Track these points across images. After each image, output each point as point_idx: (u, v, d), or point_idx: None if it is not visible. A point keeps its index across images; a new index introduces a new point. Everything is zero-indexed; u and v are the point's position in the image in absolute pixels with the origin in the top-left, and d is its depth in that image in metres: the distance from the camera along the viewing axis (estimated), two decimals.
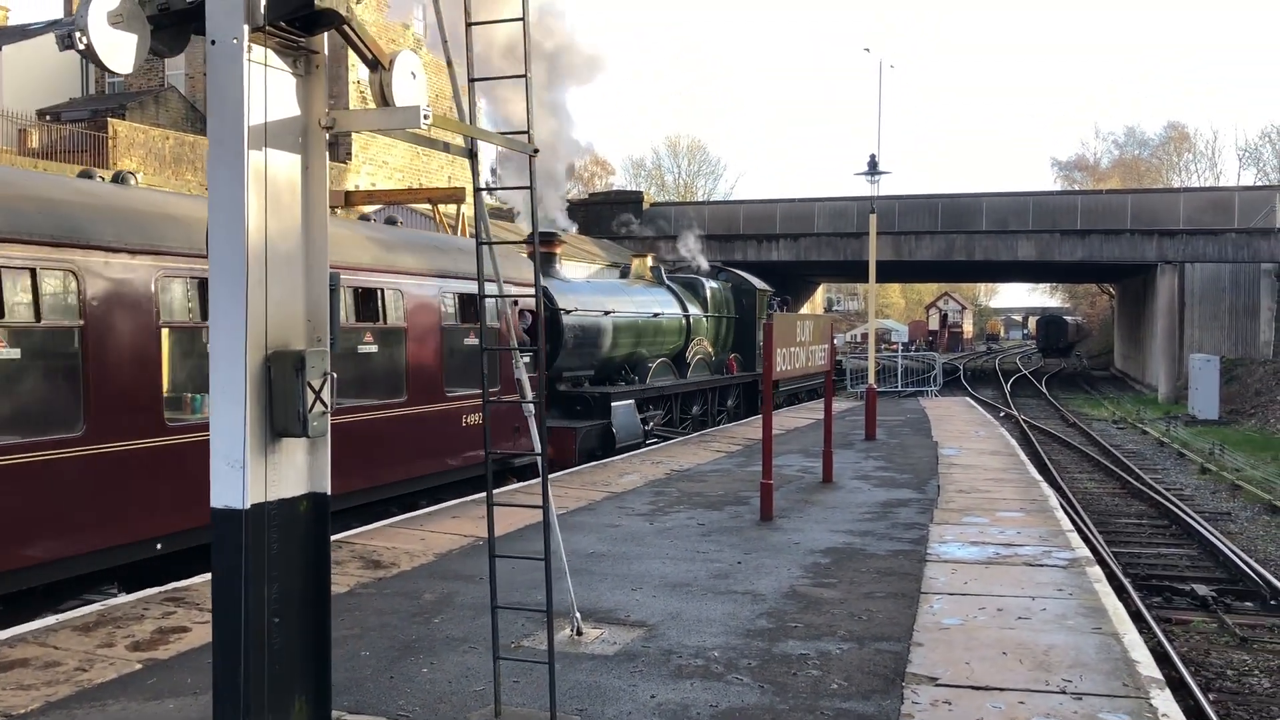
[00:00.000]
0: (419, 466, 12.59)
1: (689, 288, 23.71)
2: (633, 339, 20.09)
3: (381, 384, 12.04)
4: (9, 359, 7.83)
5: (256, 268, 4.21)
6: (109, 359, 8.51)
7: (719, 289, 25.07)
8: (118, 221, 8.75)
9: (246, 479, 4.19)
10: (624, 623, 7.49)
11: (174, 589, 8.38)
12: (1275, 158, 67.19)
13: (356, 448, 11.29)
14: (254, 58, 4.22)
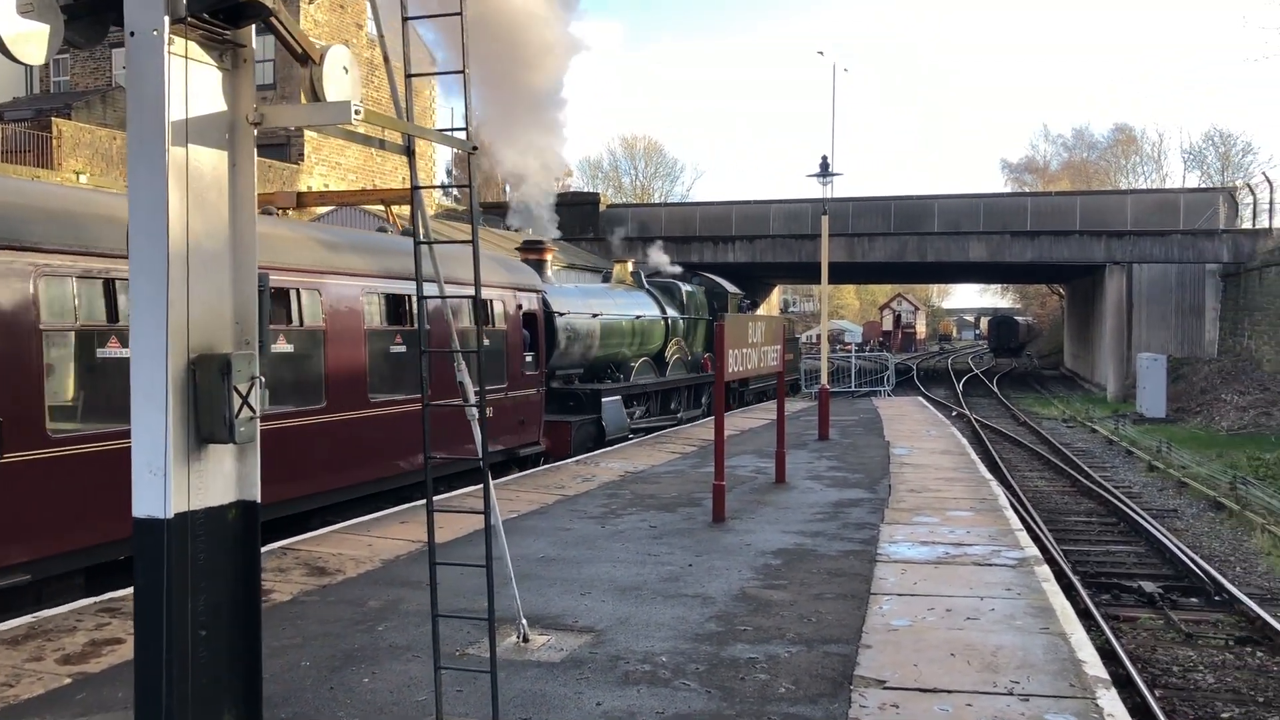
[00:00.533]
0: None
1: (666, 291, 24.85)
2: (617, 339, 21.27)
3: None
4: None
5: (178, 267, 4.05)
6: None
7: (694, 292, 26.26)
8: None
9: (169, 487, 4.03)
10: (572, 628, 7.38)
11: (109, 599, 8.15)
12: (1218, 160, 68.56)
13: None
14: (175, 50, 4.06)
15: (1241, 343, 36.99)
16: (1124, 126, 78.30)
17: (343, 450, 11.91)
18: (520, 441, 16.09)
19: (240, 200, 4.48)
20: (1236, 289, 38.34)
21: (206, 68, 4.28)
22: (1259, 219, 40.43)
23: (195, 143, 4.21)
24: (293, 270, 11.26)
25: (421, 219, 5.88)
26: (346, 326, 12.00)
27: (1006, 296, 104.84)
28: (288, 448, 10.94)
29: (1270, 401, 30.31)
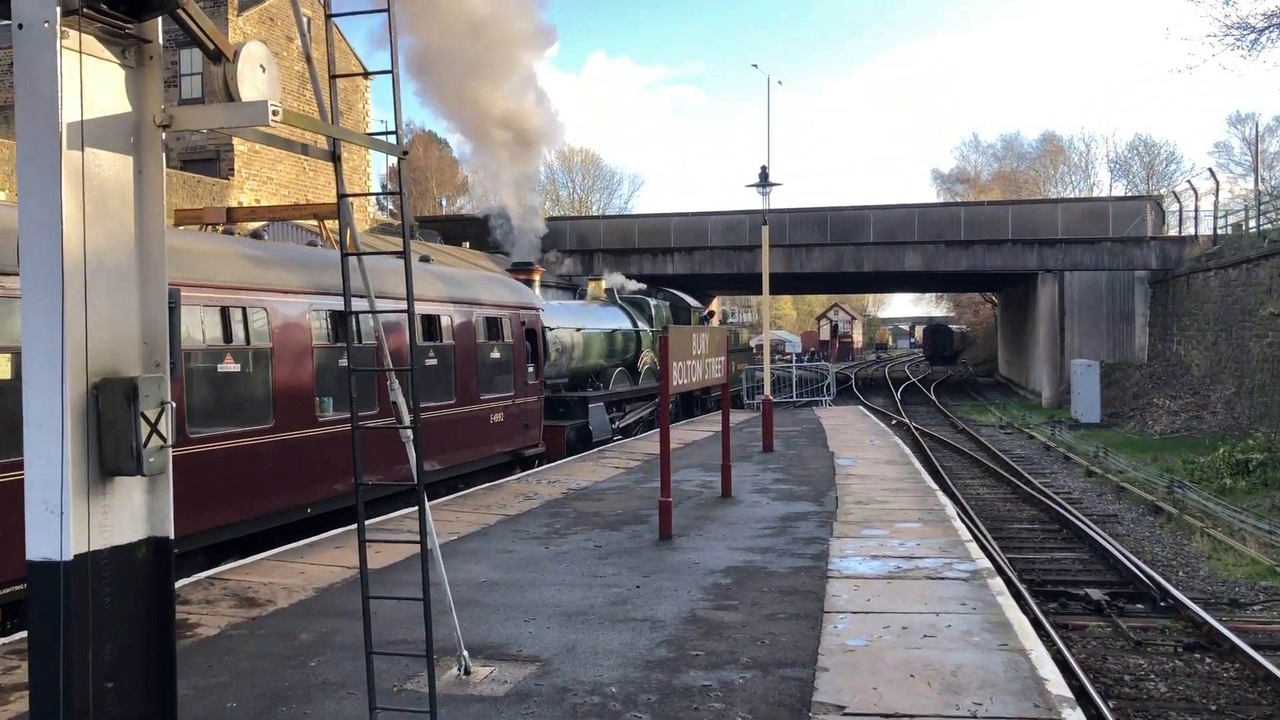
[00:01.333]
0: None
1: (636, 306, 27.10)
2: (597, 351, 23.52)
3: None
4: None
5: (75, 282, 3.67)
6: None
7: (660, 306, 28.42)
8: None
9: (67, 527, 3.64)
10: (516, 658, 7.04)
11: (19, 639, 7.62)
12: (1143, 170, 70.16)
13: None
14: (70, 44, 3.69)
15: (1171, 348, 37.71)
16: (1051, 136, 79.77)
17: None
18: (525, 443, 17.97)
19: (147, 209, 4.10)
20: (1165, 295, 39.11)
21: (107, 64, 3.91)
22: (1185, 226, 41.32)
23: (95, 146, 3.83)
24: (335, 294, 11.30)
25: (351, 230, 5.54)
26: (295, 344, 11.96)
27: (941, 305, 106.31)
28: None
29: (1200, 405, 30.87)
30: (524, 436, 17.80)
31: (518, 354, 17.49)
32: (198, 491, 9.88)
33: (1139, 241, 39.82)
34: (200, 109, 4.19)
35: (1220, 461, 21.29)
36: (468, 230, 48.22)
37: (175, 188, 33.68)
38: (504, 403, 16.82)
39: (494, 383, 16.53)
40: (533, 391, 18.14)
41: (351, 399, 5.23)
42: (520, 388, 17.43)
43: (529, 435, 18.03)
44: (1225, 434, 26.25)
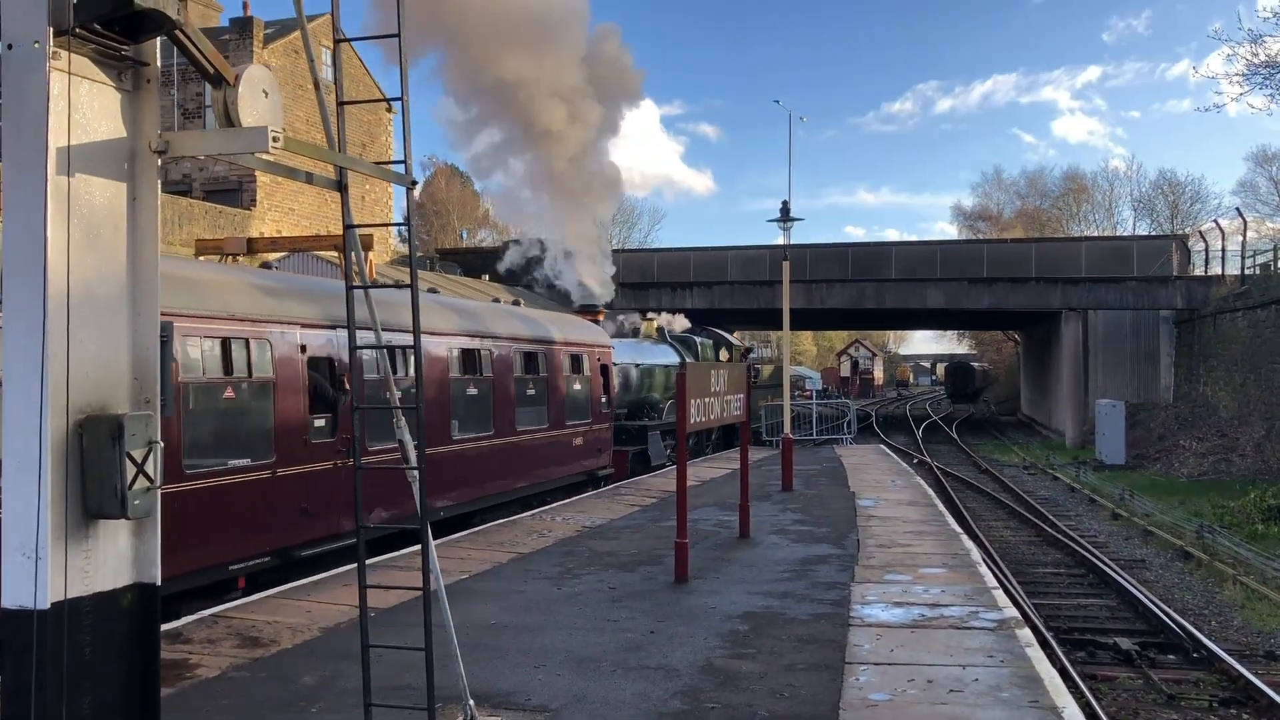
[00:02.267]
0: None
1: (684, 344, 29.11)
2: (650, 384, 25.81)
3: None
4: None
5: (58, 314, 3.49)
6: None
7: (706, 344, 30.64)
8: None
9: (44, 573, 3.43)
10: (524, 708, 6.76)
11: None
12: (1168, 208, 69.70)
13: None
14: (61, 66, 3.53)
15: (1197, 389, 37.17)
16: (1075, 174, 79.46)
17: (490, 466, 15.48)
18: (599, 465, 20.26)
19: (141, 239, 3.93)
20: (1191, 335, 38.61)
21: (101, 87, 3.75)
22: (1211, 266, 40.87)
23: (85, 172, 3.66)
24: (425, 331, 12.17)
25: (359, 260, 5.36)
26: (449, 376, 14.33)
27: (963, 343, 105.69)
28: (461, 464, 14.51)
29: (1229, 448, 30.32)
30: (598, 459, 20.17)
31: (594, 386, 19.92)
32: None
33: (1164, 281, 39.39)
34: (198, 134, 4.02)
35: (1251, 506, 20.80)
36: (487, 263, 48.25)
37: (197, 218, 33.85)
38: (583, 428, 19.23)
39: (577, 411, 18.98)
40: (605, 419, 20.55)
41: (355, 439, 5.01)
42: (596, 415, 19.80)
43: (602, 458, 20.34)
44: (1255, 478, 25.72)
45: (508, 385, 16.15)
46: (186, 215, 33.39)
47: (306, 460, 11.30)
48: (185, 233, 32.14)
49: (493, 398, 15.60)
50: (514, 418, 16.23)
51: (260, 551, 10.68)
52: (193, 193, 38.53)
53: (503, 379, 15.99)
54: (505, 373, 16.09)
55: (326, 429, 11.70)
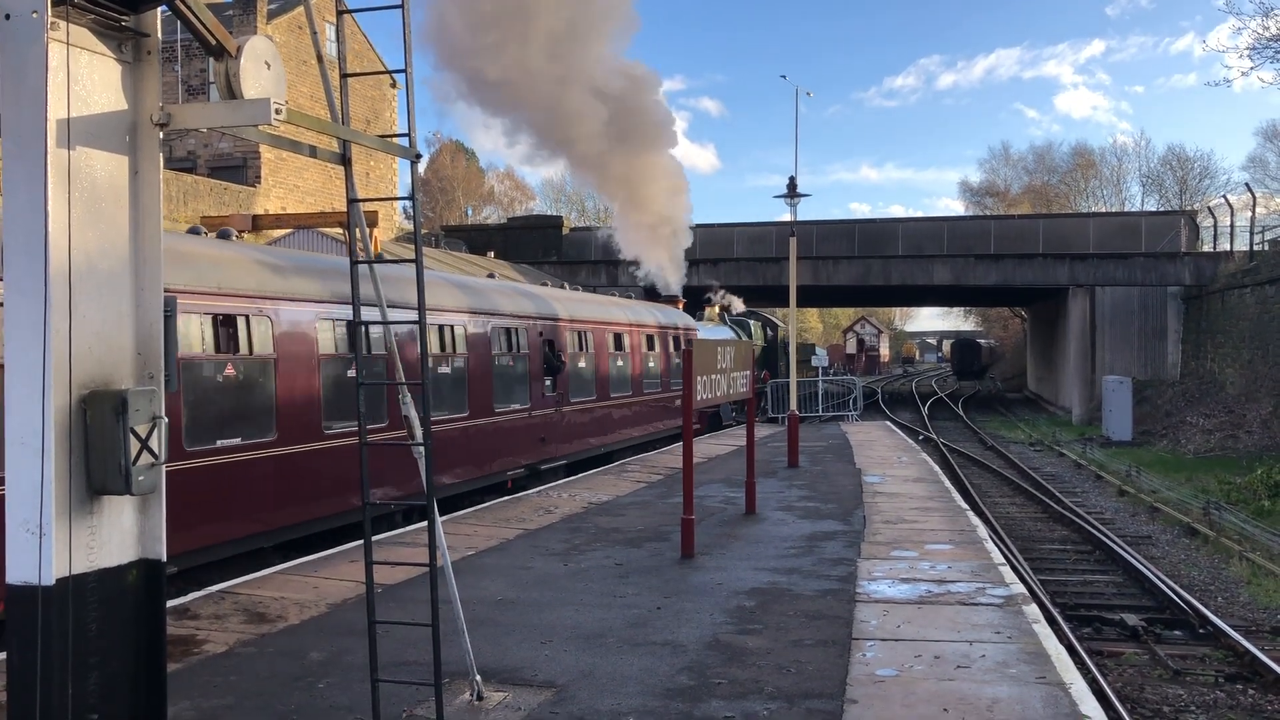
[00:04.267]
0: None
1: (740, 325, 33.80)
2: None
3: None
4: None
5: (60, 288, 3.45)
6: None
7: (756, 325, 35.31)
8: None
9: (48, 549, 3.42)
10: (531, 683, 6.77)
11: None
12: (1176, 184, 69.21)
13: None
14: (60, 36, 3.48)
15: (1204, 365, 37.04)
16: (1083, 149, 78.87)
17: (495, 442, 16.43)
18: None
19: (144, 213, 3.89)
20: (1198, 311, 38.45)
21: (102, 59, 3.70)
22: (1220, 242, 40.63)
23: (86, 145, 3.62)
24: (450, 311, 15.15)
25: (363, 235, 5.31)
26: (485, 355, 16.01)
27: (969, 319, 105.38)
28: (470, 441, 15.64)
29: (1235, 424, 30.23)
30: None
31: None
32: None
33: (1172, 257, 39.18)
34: (200, 106, 3.98)
35: (1258, 482, 20.74)
36: (492, 240, 48.15)
37: (202, 194, 33.78)
38: (678, 393, 22.38)
39: (676, 380, 24.08)
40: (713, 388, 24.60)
41: (360, 414, 4.99)
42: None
43: (750, 403, 25.15)
44: (1262, 454, 25.64)
45: (635, 358, 22.97)
46: (192, 192, 33.33)
47: (543, 406, 18.08)
48: (190, 210, 32.09)
49: (630, 367, 22.56)
50: (642, 384, 22.22)
51: (518, 465, 17.17)
52: (197, 170, 38.45)
53: (634, 354, 22.98)
54: (635, 349, 22.61)
55: (551, 386, 18.41)
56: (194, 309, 9.96)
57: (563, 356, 18.74)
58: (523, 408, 17.15)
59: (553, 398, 18.27)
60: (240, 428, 10.56)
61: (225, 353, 10.41)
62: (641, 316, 24.28)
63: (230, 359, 10.47)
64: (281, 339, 11.09)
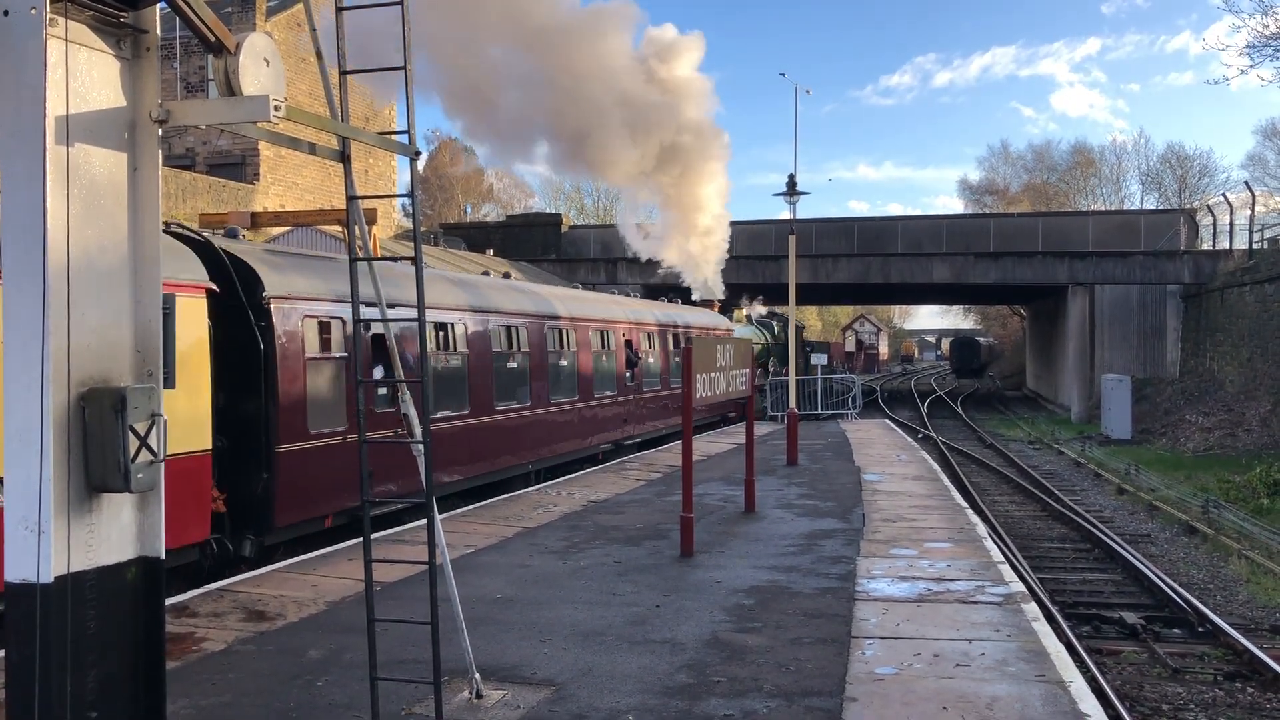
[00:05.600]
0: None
1: (764, 326, 37.89)
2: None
3: None
4: None
5: (59, 285, 3.44)
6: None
7: (777, 326, 38.91)
8: None
9: (47, 546, 3.41)
10: (530, 681, 6.77)
11: None
12: (1176, 182, 69.20)
13: None
14: (58, 33, 3.47)
15: (1204, 363, 37.05)
16: (1082, 147, 78.83)
17: (594, 420, 20.32)
18: (728, 410, 27.26)
19: (143, 209, 3.88)
20: (1198, 310, 38.45)
21: (100, 55, 3.69)
22: (1219, 240, 40.63)
23: (85, 141, 3.61)
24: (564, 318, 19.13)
25: (362, 233, 5.31)
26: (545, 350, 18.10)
27: (968, 317, 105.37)
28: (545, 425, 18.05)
29: (1235, 422, 30.23)
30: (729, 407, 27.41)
31: (741, 357, 26.82)
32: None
33: (1172, 255, 39.18)
34: (199, 103, 3.97)
35: (1257, 481, 20.75)
36: (491, 237, 48.13)
37: (200, 192, 33.74)
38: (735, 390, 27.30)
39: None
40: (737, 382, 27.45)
41: (360, 412, 4.98)
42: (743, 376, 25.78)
43: (729, 408, 26.20)
44: (1261, 452, 25.65)
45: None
46: (190, 189, 33.29)
47: (625, 394, 21.97)
48: (189, 207, 32.06)
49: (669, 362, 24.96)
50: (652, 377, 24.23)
51: (608, 441, 21.18)
52: (196, 167, 38.39)
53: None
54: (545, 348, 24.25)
55: (631, 378, 22.19)
56: (443, 319, 14.49)
57: (639, 354, 22.86)
58: (612, 395, 21.15)
59: (632, 387, 22.46)
60: (449, 404, 14.57)
61: (442, 350, 14.47)
62: (692, 320, 28.06)
63: (444, 354, 14.50)
64: (472, 339, 15.25)
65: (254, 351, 10.72)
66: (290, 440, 11.03)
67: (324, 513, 11.75)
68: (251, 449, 10.79)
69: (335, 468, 11.54)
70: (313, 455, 11.36)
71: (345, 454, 11.57)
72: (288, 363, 11.05)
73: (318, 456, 11.42)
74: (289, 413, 11.00)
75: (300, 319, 11.35)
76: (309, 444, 11.32)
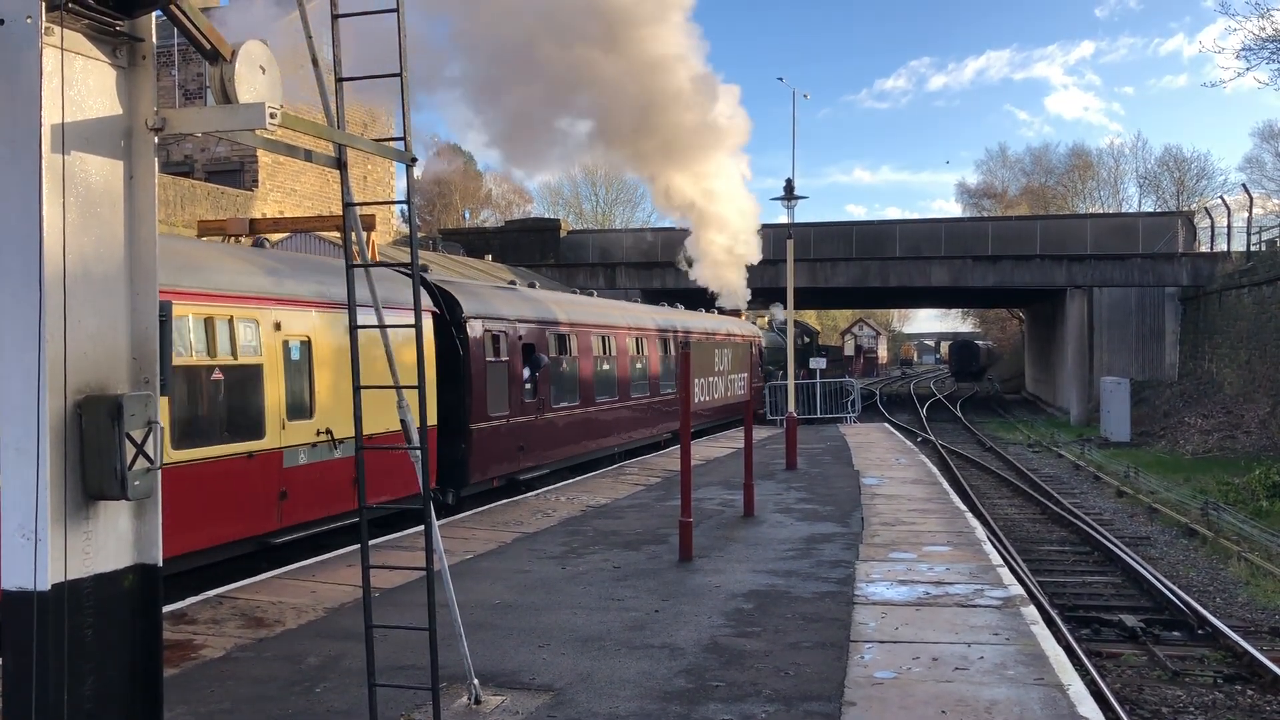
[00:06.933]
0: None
1: (783, 331, 36.98)
2: (770, 359, 36.38)
3: None
4: None
5: (55, 294, 3.45)
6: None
7: (797, 332, 38.24)
8: None
9: (44, 554, 3.41)
10: (529, 687, 6.76)
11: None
12: (1173, 185, 69.26)
13: None
14: (54, 42, 3.48)
15: (1202, 366, 37.07)
16: (1080, 150, 78.88)
17: (660, 413, 24.01)
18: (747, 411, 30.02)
19: (138, 217, 3.88)
20: (1196, 312, 38.48)
21: (96, 64, 3.70)
22: (1217, 243, 40.67)
23: (81, 150, 3.62)
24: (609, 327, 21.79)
25: (359, 240, 5.31)
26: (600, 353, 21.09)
27: (967, 321, 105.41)
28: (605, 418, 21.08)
29: (1234, 425, 30.25)
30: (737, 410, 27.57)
31: (754, 360, 29.11)
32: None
33: (1170, 258, 39.22)
34: (195, 111, 3.97)
35: (1256, 483, 20.76)
36: (490, 243, 48.15)
37: (199, 199, 33.74)
38: (749, 387, 29.99)
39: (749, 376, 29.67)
40: (758, 379, 29.64)
41: (357, 418, 4.98)
42: (755, 377, 24.34)
43: (750, 405, 30.78)
44: (1260, 454, 25.67)
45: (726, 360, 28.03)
46: (189, 196, 33.30)
47: (655, 393, 24.07)
48: (188, 214, 32.07)
49: (724, 366, 29.02)
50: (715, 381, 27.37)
51: (669, 431, 24.46)
52: (194, 174, 38.40)
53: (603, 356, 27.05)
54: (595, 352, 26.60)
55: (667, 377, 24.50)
56: (554, 331, 18.36)
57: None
58: (672, 392, 23.34)
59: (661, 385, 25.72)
60: (570, 396, 18.78)
61: (563, 354, 18.60)
62: (734, 329, 31.90)
63: (565, 358, 18.70)
64: (581, 348, 19.43)
65: (455, 356, 14.49)
66: (478, 421, 14.92)
67: (493, 475, 15.71)
68: (454, 426, 14.40)
69: (501, 443, 15.68)
70: (490, 432, 15.39)
71: (507, 433, 15.99)
72: (476, 364, 14.88)
73: (492, 433, 15.45)
74: (477, 400, 14.86)
75: (483, 332, 15.22)
76: (488, 424, 15.27)
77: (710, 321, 30.74)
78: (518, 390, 16.45)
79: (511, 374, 16.14)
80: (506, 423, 15.77)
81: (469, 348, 14.70)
